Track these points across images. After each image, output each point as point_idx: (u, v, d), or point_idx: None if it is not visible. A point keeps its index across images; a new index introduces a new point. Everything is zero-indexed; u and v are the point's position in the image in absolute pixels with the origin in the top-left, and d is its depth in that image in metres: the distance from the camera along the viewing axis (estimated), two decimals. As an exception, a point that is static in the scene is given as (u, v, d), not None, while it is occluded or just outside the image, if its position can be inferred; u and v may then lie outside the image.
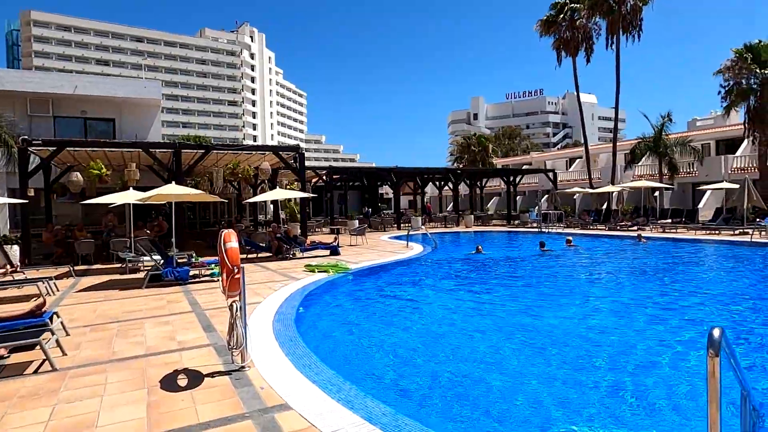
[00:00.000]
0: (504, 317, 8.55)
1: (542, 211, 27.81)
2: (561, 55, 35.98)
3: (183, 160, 17.47)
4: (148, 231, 17.86)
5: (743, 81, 27.32)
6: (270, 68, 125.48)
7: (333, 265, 12.29)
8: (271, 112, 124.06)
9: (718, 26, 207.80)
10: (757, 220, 20.43)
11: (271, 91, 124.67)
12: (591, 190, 30.70)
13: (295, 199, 29.60)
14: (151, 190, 12.10)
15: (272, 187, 21.14)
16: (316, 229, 29.41)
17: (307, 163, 24.24)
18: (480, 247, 15.94)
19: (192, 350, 5.76)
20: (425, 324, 8.09)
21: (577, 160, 45.61)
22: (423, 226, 25.89)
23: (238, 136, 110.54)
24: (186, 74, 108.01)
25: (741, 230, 21.29)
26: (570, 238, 20.50)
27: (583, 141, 38.53)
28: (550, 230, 25.68)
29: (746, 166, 31.34)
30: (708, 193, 30.55)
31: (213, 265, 11.62)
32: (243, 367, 5.00)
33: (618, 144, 40.92)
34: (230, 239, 4.76)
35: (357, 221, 27.31)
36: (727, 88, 28.11)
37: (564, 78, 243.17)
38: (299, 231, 19.48)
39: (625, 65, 33.24)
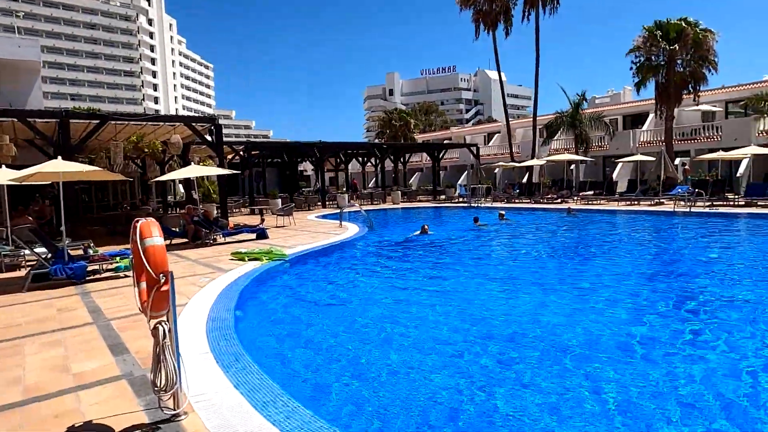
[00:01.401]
0: (484, 309, 7.57)
1: (471, 186, 27.55)
2: (479, 29, 35.75)
3: (73, 133, 14.66)
4: (30, 218, 14.91)
5: (653, 57, 28.58)
6: (171, 36, 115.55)
7: (266, 251, 10.67)
8: (174, 85, 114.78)
9: (632, 4, 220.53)
10: (679, 190, 21.40)
11: (173, 61, 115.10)
12: (516, 164, 31.02)
13: (209, 177, 26.98)
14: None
15: (184, 164, 18.68)
16: (234, 210, 27.06)
17: (222, 137, 21.80)
18: (426, 227, 14.72)
19: (96, 388, 4.09)
20: (407, 329, 6.76)
21: (496, 135, 46.33)
22: (356, 204, 24.55)
23: (137, 110, 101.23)
24: (73, 40, 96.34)
25: (657, 200, 22.31)
26: (503, 212, 20.26)
27: (494, 117, 39.03)
28: (479, 205, 25.48)
29: (652, 139, 33.25)
30: (620, 165, 32.05)
31: (118, 258, 9.55)
32: (177, 415, 3.47)
33: (529, 119, 42.06)
34: (150, 233, 3.17)
35: (280, 200, 25.38)
36: (638, 65, 29.32)
37: (476, 55, 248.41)
38: (218, 213, 17.39)
39: (536, 42, 33.71)
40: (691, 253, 11.69)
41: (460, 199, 29.98)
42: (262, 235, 14.55)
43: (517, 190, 29.67)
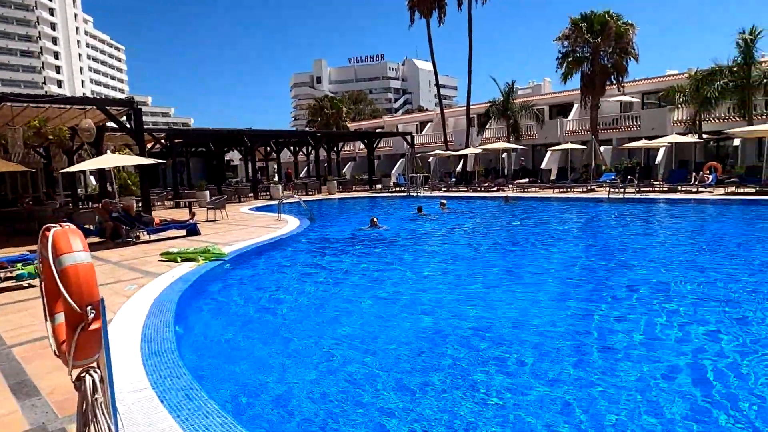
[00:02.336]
0: (465, 316, 6.99)
1: (410, 175, 27.16)
2: (414, 15, 35.44)
3: (-44, 116, 12.44)
4: None
5: (578, 49, 29.53)
6: (75, 14, 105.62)
7: (202, 250, 9.47)
8: (81, 68, 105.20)
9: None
10: (606, 178, 22.21)
11: (79, 41, 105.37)
12: (453, 153, 31.05)
13: (126, 167, 24.59)
14: None
15: (97, 154, 16.61)
16: (156, 204, 24.85)
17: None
18: (375, 220, 13.74)
19: (-7, 453, 3.02)
20: (374, 341, 6.04)
21: (428, 124, 46.41)
22: (295, 195, 23.33)
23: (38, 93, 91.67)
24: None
25: (588, 188, 23.07)
26: (444, 201, 20.04)
27: (424, 107, 39.01)
28: (418, 194, 25.16)
29: (578, 129, 34.59)
30: (549, 153, 33.07)
31: (20, 264, 8.01)
32: (115, 492, 2.52)
33: (460, 108, 42.52)
34: (70, 246, 2.17)
35: (208, 192, 23.60)
36: (564, 56, 30.20)
37: (403, 45, 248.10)
38: (139, 207, 15.64)
39: (469, 31, 33.89)
40: (638, 236, 11.89)
41: (398, 189, 29.55)
42: (193, 231, 13.17)
43: (454, 179, 29.73)
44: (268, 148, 35.39)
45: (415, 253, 11.25)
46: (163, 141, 25.48)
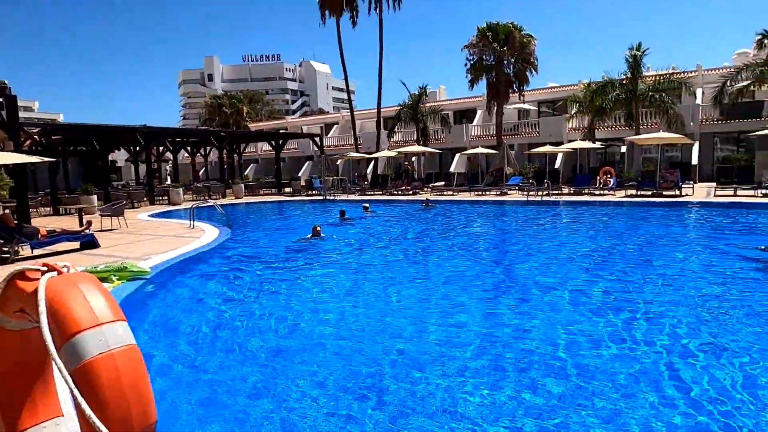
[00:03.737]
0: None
1: (326, 178, 26.06)
2: (325, 14, 34.51)
3: None
4: None
5: (485, 57, 30.60)
6: None
7: (115, 268, 7.74)
8: None
9: (469, 5, 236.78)
10: (520, 182, 22.99)
11: None
12: (368, 155, 30.51)
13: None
14: None
15: (-46, 150, 13.47)
16: (31, 211, 21.16)
17: None
18: (319, 228, 11.84)
19: None
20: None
21: (334, 126, 45.58)
22: (210, 200, 21.12)
23: None
24: None
25: (502, 191, 23.77)
26: (367, 205, 19.40)
27: (324, 109, 38.32)
28: (335, 198, 24.22)
29: (482, 134, 35.91)
30: (456, 157, 33.88)
31: None
32: None
33: (367, 111, 42.38)
34: (91, 311, 1.06)
35: (95, 197, 20.60)
36: (472, 63, 31.14)
37: (300, 46, 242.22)
38: (15, 217, 12.93)
39: (380, 34, 33.80)
40: (572, 235, 12.13)
41: (312, 192, 28.31)
42: (90, 244, 11.07)
43: (367, 183, 29.19)
44: (162, 148, 32.15)
45: (373, 263, 10.37)
46: (36, 137, 21.80)
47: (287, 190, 31.58)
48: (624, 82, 25.38)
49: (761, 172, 18.97)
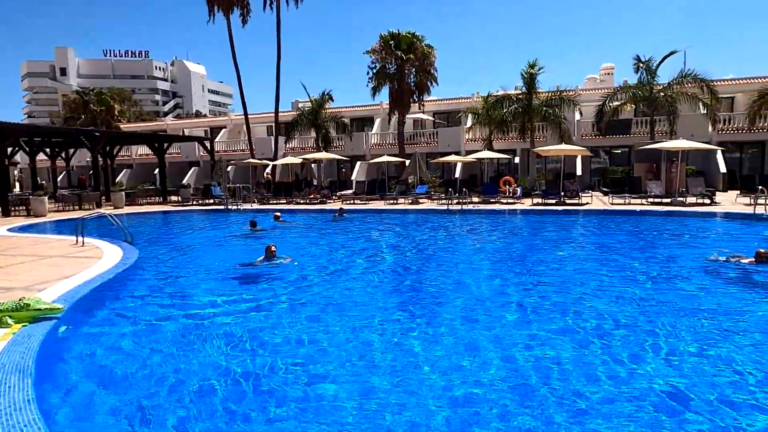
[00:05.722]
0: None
1: (230, 186, 23.67)
2: (213, 10, 31.90)
3: None
4: None
5: (388, 65, 30.48)
6: None
7: (12, 306, 5.62)
8: None
9: (372, 12, 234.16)
10: (426, 190, 22.92)
11: None
12: (271, 162, 28.57)
13: None
14: None
15: None
16: None
17: None
18: (274, 249, 9.50)
19: None
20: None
21: (222, 130, 42.45)
22: (105, 211, 17.62)
23: None
24: None
25: (413, 199, 23.61)
26: (278, 213, 17.94)
27: (201, 112, 35.76)
28: (238, 207, 22.10)
29: (382, 142, 35.81)
30: (358, 165, 33.31)
31: None
32: None
33: (262, 115, 40.21)
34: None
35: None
36: (375, 70, 30.85)
37: (172, 44, 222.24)
38: None
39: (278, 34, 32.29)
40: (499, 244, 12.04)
41: (205, 201, 25.63)
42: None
43: (270, 192, 27.28)
44: (12, 149, 26.92)
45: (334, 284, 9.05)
46: None
47: (174, 198, 28.37)
48: (520, 96, 26.88)
49: (646, 182, 21.06)
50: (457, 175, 29.92)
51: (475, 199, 22.76)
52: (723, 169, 25.99)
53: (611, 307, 6.79)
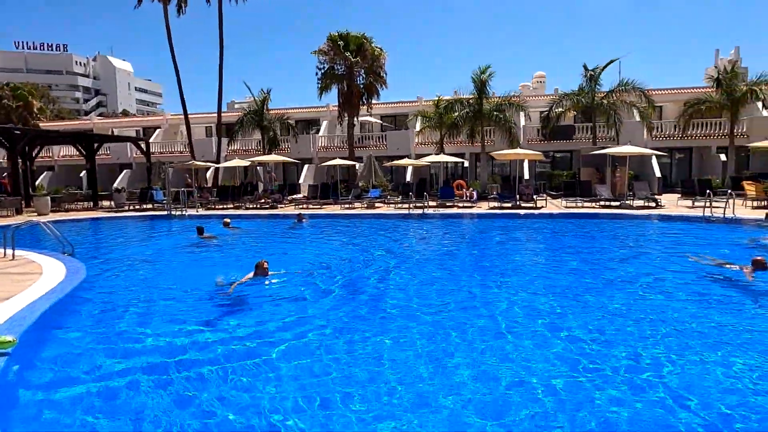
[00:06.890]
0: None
1: (175, 189, 21.92)
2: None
3: None
4: None
5: (337, 66, 29.75)
6: None
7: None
8: None
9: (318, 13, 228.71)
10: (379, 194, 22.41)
11: None
12: (216, 165, 26.96)
13: None
14: None
15: None
16: None
17: None
18: (266, 264, 8.07)
19: None
20: None
21: (157, 131, 39.85)
22: (36, 217, 15.48)
23: None
24: None
25: (370, 203, 23.05)
26: (228, 220, 16.77)
27: (128, 111, 33.65)
28: (183, 212, 20.57)
29: (330, 144, 35.01)
30: (305, 169, 32.34)
31: None
32: None
33: (198, 116, 38.16)
34: None
35: None
36: (323, 71, 30.01)
37: (94, 39, 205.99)
38: None
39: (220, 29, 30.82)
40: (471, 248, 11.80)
41: (144, 206, 23.71)
42: None
43: (214, 196, 25.70)
44: None
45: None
46: None
47: (105, 204, 26.12)
48: (470, 101, 27.10)
49: (594, 186, 21.76)
50: (408, 178, 29.71)
51: (432, 203, 22.56)
52: (658, 173, 27.49)
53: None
